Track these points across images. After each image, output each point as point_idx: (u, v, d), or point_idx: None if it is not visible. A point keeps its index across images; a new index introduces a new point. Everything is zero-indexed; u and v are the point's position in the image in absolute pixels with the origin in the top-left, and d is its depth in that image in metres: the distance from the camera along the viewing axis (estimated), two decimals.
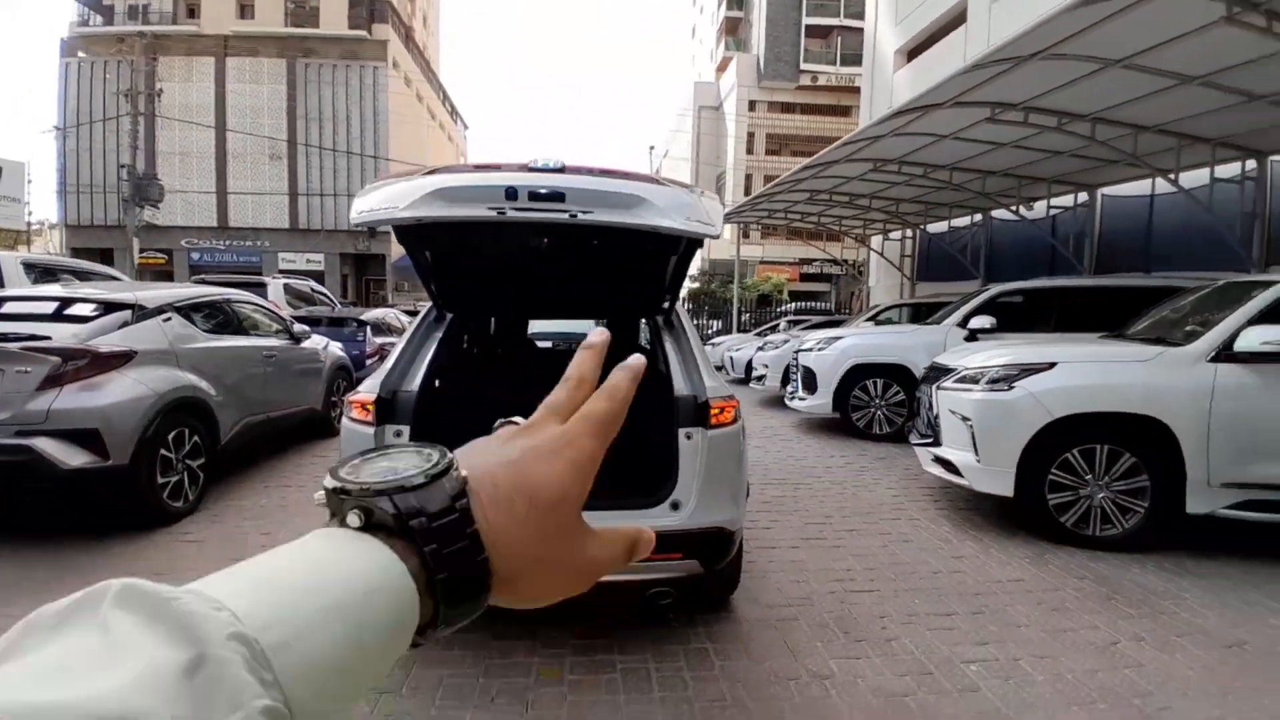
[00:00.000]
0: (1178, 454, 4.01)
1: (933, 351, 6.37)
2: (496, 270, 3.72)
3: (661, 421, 2.87)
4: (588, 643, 2.90)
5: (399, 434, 2.85)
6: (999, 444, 4.34)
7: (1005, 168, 10.69)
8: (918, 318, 9.92)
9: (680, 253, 3.31)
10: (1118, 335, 5.17)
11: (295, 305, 11.09)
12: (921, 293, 15.47)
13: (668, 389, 2.98)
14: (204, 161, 31.81)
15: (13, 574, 3.52)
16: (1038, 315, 7.65)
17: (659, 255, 3.32)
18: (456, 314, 3.73)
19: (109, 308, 4.47)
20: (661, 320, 3.62)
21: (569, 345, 6.34)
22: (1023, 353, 4.58)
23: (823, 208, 15.31)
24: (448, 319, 3.63)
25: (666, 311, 3.69)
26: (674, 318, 3.63)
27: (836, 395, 8.03)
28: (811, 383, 8.24)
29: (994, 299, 7.83)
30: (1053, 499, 4.25)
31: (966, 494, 5.04)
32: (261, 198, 31.98)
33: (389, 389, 2.95)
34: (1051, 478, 4.24)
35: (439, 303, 3.65)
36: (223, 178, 31.90)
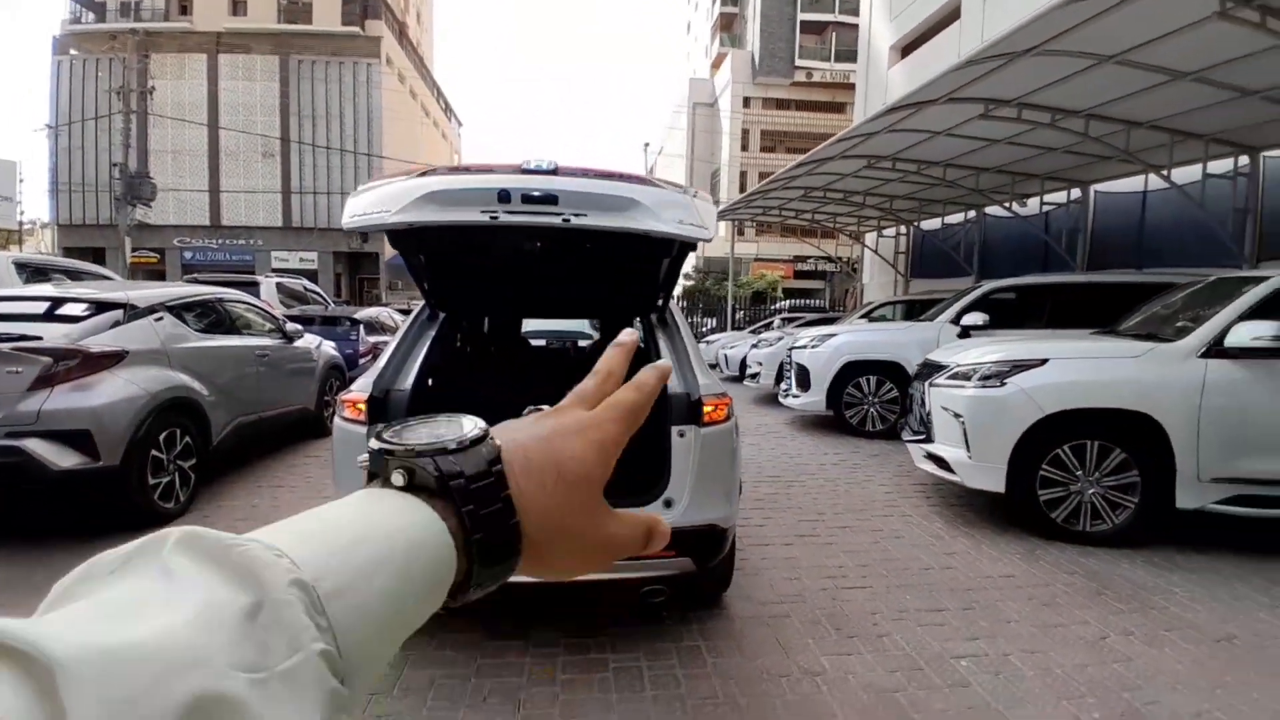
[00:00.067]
0: (1168, 449, 4.03)
1: (926, 348, 6.38)
2: (490, 270, 3.72)
3: (654, 419, 2.87)
4: (580, 642, 2.90)
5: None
6: (991, 440, 4.36)
7: (999, 164, 10.72)
8: (911, 315, 9.95)
9: (674, 254, 3.32)
10: (1110, 331, 5.19)
11: (288, 304, 11.05)
12: (915, 289, 15.51)
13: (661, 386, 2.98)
14: (196, 159, 31.68)
15: (0, 575, 3.51)
16: (1030, 312, 7.67)
17: (652, 256, 3.32)
18: (450, 313, 3.73)
19: (100, 307, 4.45)
20: (655, 318, 3.62)
21: (563, 344, 6.33)
22: (1015, 349, 4.59)
23: (817, 205, 15.33)
24: (441, 318, 3.62)
25: (660, 309, 3.69)
26: (668, 315, 3.64)
27: (830, 392, 8.04)
28: (805, 380, 8.26)
29: (987, 296, 7.85)
30: (1044, 495, 4.27)
31: (959, 490, 5.06)
32: (254, 196, 31.86)
33: (381, 388, 2.94)
34: (1043, 474, 4.26)
35: (432, 302, 3.64)
36: (215, 176, 31.77)
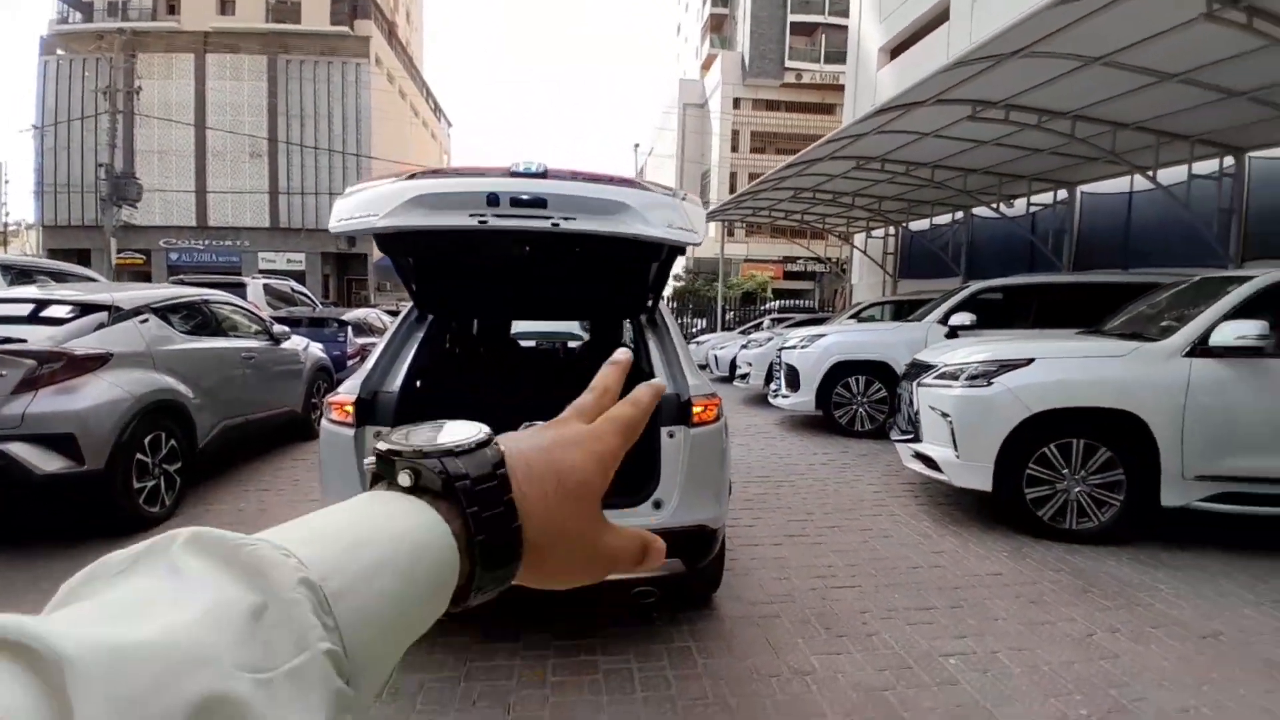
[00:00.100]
0: (1153, 448, 4.06)
1: (914, 348, 6.41)
2: (479, 273, 3.70)
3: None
4: (570, 644, 2.90)
5: (379, 435, 2.83)
6: (978, 439, 4.38)
7: (986, 165, 10.78)
8: (899, 315, 9.99)
9: (663, 258, 3.32)
10: (1095, 331, 5.23)
11: (275, 306, 10.98)
12: (903, 290, 15.57)
13: None
14: (183, 160, 31.45)
15: None
16: (1017, 312, 7.72)
17: (642, 259, 3.32)
18: (438, 315, 3.71)
19: (85, 309, 4.41)
20: (645, 319, 3.62)
21: (552, 345, 6.32)
22: (1002, 349, 4.62)
23: (806, 205, 15.37)
24: (429, 319, 3.61)
25: (650, 310, 3.69)
26: (657, 316, 3.64)
27: (819, 392, 8.07)
28: (795, 380, 8.28)
29: (974, 296, 7.90)
30: (1030, 493, 4.30)
31: (946, 489, 5.09)
32: (241, 197, 31.66)
33: (369, 390, 2.92)
34: (1029, 472, 4.29)
35: (421, 304, 3.63)
36: (202, 176, 31.55)
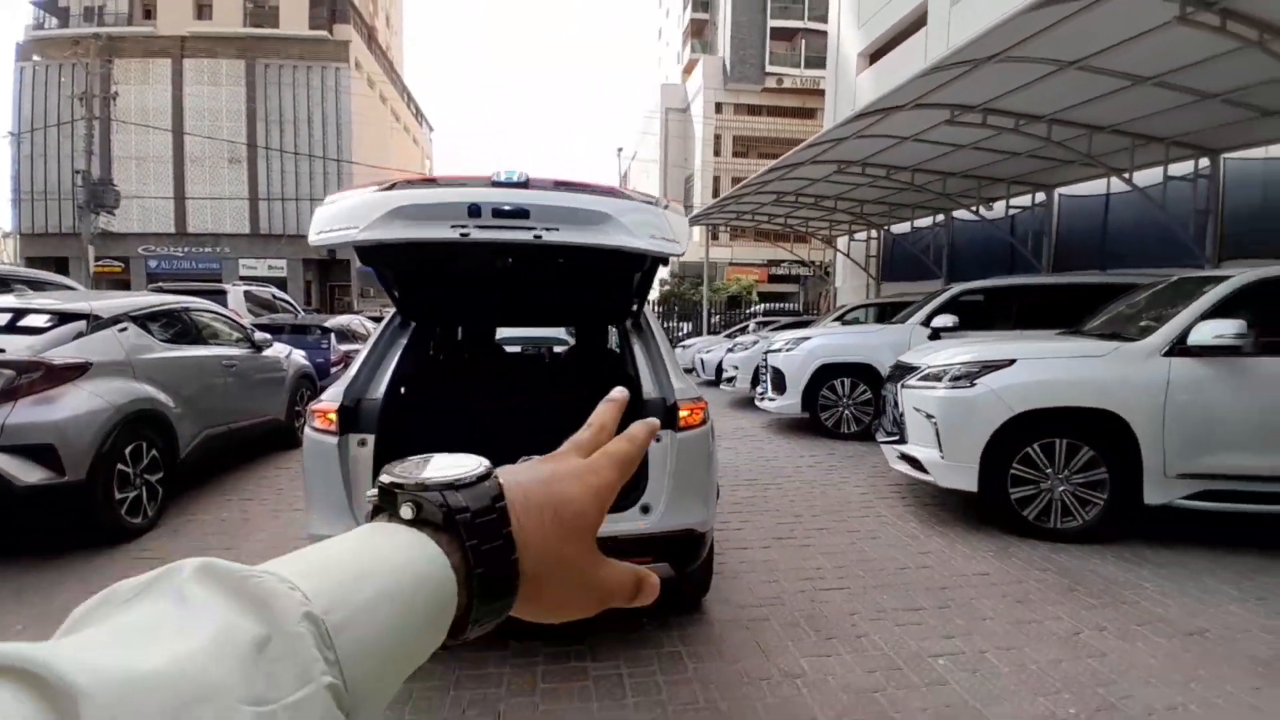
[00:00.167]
0: (1134, 447, 4.11)
1: (898, 350, 6.46)
2: (462, 282, 3.69)
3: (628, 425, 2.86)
4: (559, 650, 2.88)
5: (363, 443, 2.80)
6: (962, 440, 4.42)
7: (965, 169, 10.89)
8: (883, 317, 10.06)
9: (646, 268, 3.33)
10: (1075, 331, 5.29)
11: (257, 313, 10.89)
12: (886, 292, 15.69)
13: (636, 392, 2.98)
14: (161, 166, 31.10)
15: None
16: (998, 313, 7.80)
17: (626, 268, 3.32)
18: (422, 323, 3.69)
19: (63, 318, 4.34)
20: (630, 324, 3.62)
21: (538, 350, 6.30)
22: (984, 350, 4.66)
23: (789, 209, 15.45)
24: (413, 325, 3.58)
25: (635, 315, 3.68)
26: (642, 320, 3.63)
27: (805, 395, 8.10)
28: (780, 383, 8.31)
29: (956, 298, 7.98)
30: (1015, 493, 4.33)
31: (932, 490, 5.12)
32: (221, 203, 31.34)
33: (353, 397, 2.90)
34: (1013, 472, 4.33)
35: (404, 312, 3.60)
36: (181, 182, 31.21)
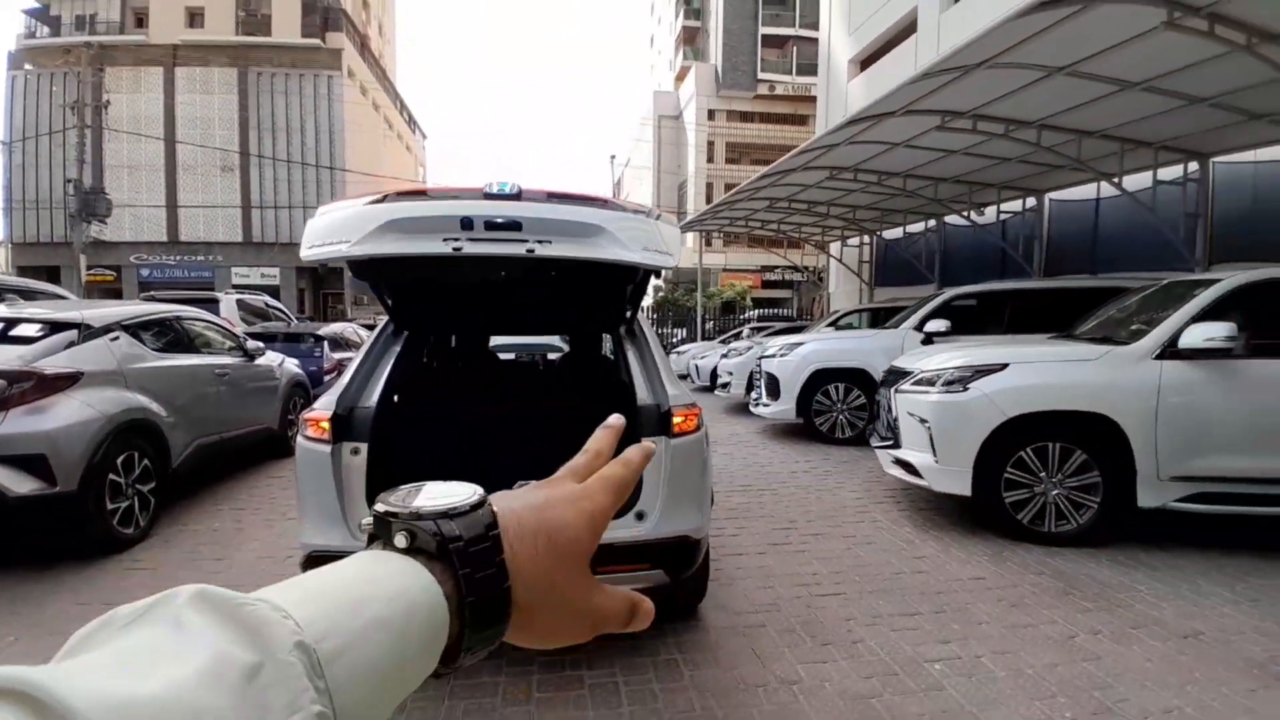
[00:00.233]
0: (1127, 450, 4.12)
1: (891, 355, 6.48)
2: (455, 293, 3.69)
3: (626, 432, 2.86)
4: (554, 659, 2.86)
5: (356, 451, 2.79)
6: (956, 444, 4.43)
7: (956, 174, 10.93)
8: (876, 322, 10.09)
9: (638, 280, 3.33)
10: (1067, 335, 5.31)
11: (249, 321, 10.83)
12: (880, 298, 15.72)
13: (630, 398, 2.97)
14: (153, 175, 31.03)
15: None
16: (990, 317, 7.83)
17: (618, 279, 3.32)
18: (415, 333, 3.68)
19: (54, 328, 4.32)
20: (624, 330, 3.62)
21: (532, 357, 6.29)
22: (976, 354, 4.68)
23: (782, 215, 15.49)
24: (406, 333, 3.58)
25: (628, 322, 3.68)
26: (636, 327, 3.63)
27: (799, 400, 8.11)
28: (775, 389, 8.32)
29: (948, 302, 8.01)
30: (1009, 497, 4.34)
31: (927, 495, 5.13)
32: (213, 211, 31.27)
33: (345, 405, 2.88)
34: (1007, 476, 4.34)
35: (397, 322, 3.59)
36: (173, 191, 31.13)
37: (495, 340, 5.97)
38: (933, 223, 14.30)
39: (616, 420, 0.54)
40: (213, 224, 31.31)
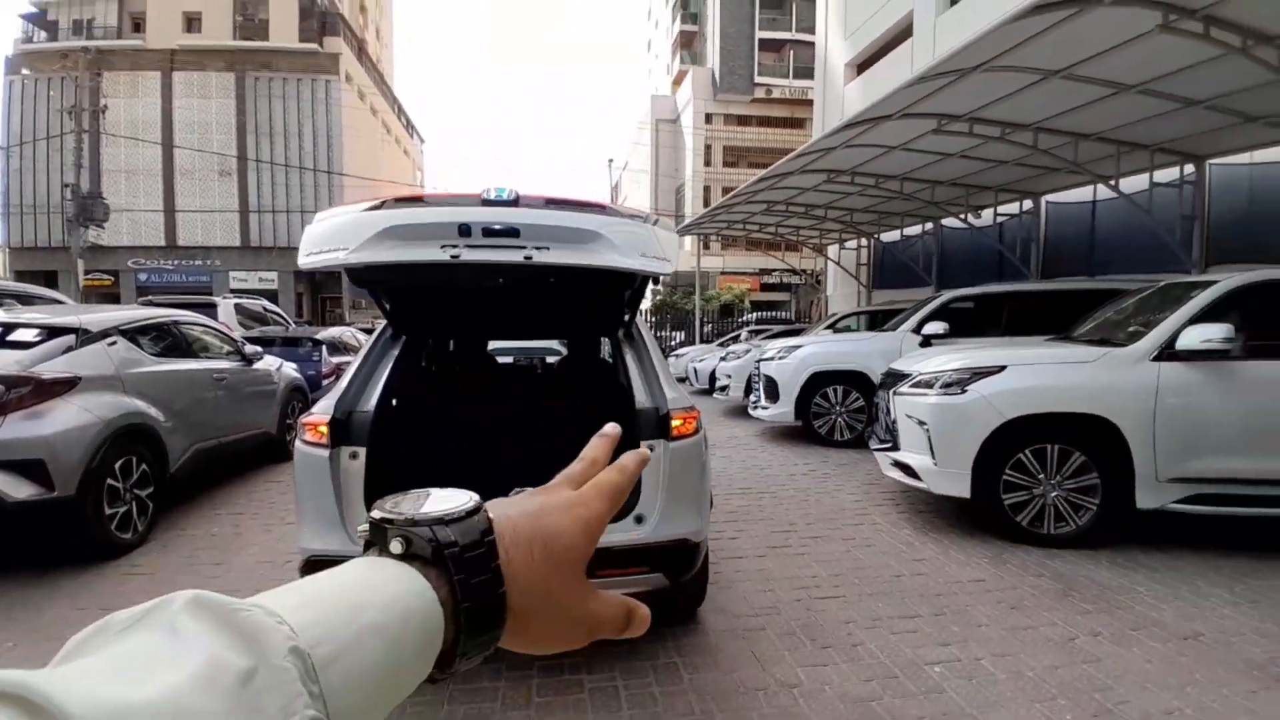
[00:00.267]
0: (1125, 451, 4.13)
1: (889, 358, 6.48)
2: (453, 298, 3.69)
3: (624, 435, 2.85)
4: (554, 663, 2.86)
5: (354, 456, 2.78)
6: (954, 447, 4.43)
7: (953, 177, 10.95)
8: (874, 325, 10.10)
9: (636, 286, 3.33)
10: (1064, 337, 5.32)
11: (247, 325, 10.83)
12: (877, 300, 15.73)
13: (629, 402, 2.97)
14: (151, 179, 31.00)
15: None
16: (988, 320, 7.84)
17: (616, 285, 3.33)
18: (413, 338, 3.68)
19: (52, 332, 4.32)
20: (622, 334, 3.62)
21: (530, 361, 6.29)
22: (974, 357, 4.68)
23: (780, 218, 15.51)
24: (404, 337, 3.58)
25: (626, 326, 3.69)
26: (634, 330, 3.63)
27: (798, 403, 8.11)
28: (773, 391, 8.32)
29: (946, 305, 8.02)
30: (1008, 499, 4.34)
31: (926, 497, 5.13)
32: (211, 215, 31.25)
33: (344, 409, 2.88)
34: (1006, 478, 4.34)
35: (395, 326, 3.59)
36: (170, 195, 31.10)
37: (493, 344, 5.97)
38: (930, 225, 14.32)
39: (612, 429, 0.54)
40: (210, 228, 31.29)
